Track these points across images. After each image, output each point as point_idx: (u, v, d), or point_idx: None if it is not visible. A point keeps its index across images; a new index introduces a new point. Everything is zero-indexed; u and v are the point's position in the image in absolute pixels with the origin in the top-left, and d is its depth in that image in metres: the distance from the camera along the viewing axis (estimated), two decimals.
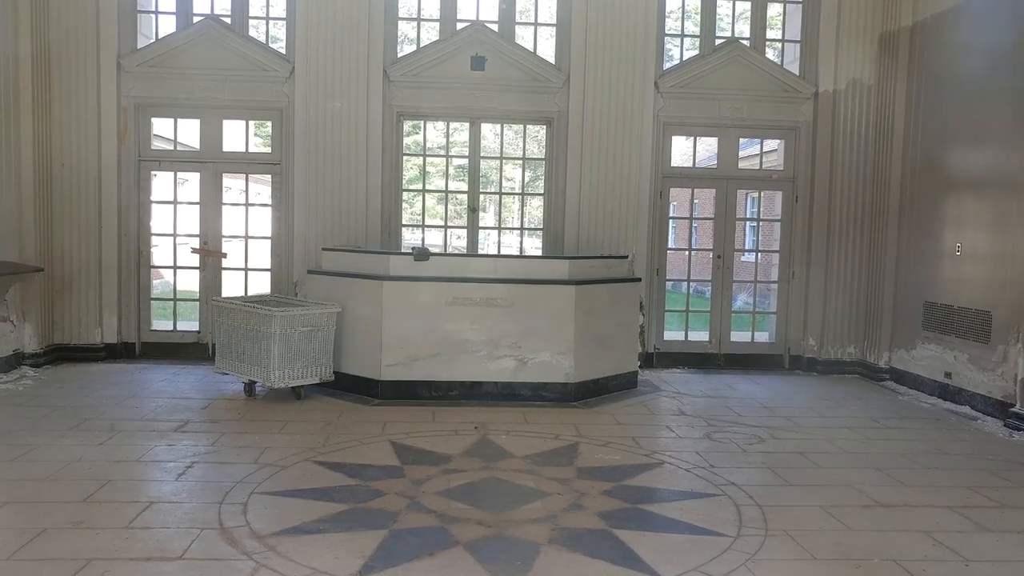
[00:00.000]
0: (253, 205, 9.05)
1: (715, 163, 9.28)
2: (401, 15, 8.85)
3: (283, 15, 8.61)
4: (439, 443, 5.61)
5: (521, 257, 8.74)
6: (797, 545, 4.00)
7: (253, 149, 9.34)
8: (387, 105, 8.51)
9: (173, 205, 8.79)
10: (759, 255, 11.00)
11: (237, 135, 8.93)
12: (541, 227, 9.08)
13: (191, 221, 8.74)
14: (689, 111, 8.79)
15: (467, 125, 8.84)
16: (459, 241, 9.49)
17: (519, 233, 9.80)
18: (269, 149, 9.01)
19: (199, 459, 5.12)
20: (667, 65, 8.94)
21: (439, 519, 4.19)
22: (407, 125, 9.38)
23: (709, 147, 11.30)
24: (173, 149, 9.08)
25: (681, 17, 9.42)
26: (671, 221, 9.49)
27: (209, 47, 8.32)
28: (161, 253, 9.22)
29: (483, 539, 3.95)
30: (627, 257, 8.09)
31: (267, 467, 4.95)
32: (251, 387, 6.87)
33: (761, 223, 16.71)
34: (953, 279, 7.53)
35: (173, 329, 8.79)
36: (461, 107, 8.65)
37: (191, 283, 9.12)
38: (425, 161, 10.10)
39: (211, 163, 8.61)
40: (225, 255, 8.70)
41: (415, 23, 9.07)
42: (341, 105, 8.31)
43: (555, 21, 8.82)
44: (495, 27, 8.64)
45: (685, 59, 9.09)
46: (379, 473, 4.93)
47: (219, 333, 7.12)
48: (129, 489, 4.56)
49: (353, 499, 4.45)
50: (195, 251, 8.66)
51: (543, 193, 9.00)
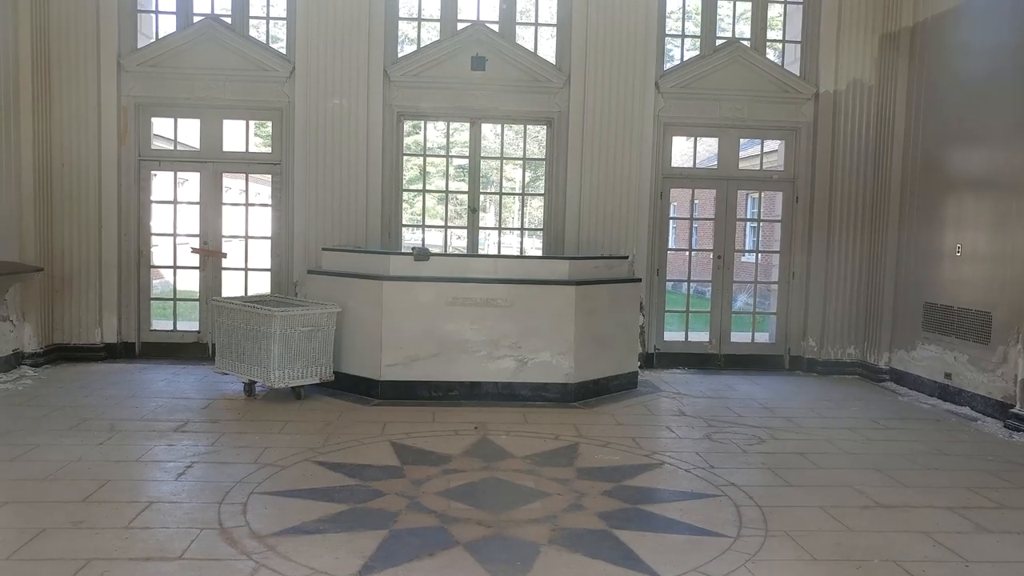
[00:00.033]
0: (253, 205, 9.05)
1: (715, 163, 9.28)
2: (401, 15, 8.85)
3: (283, 15, 8.61)
4: (439, 443, 5.61)
5: (521, 257, 8.73)
6: (797, 546, 4.00)
7: (253, 149, 9.34)
8: (387, 105, 8.51)
9: (173, 205, 8.79)
10: (759, 255, 11.00)
11: (237, 135, 8.93)
12: (541, 227, 9.08)
13: (191, 221, 8.74)
14: (689, 111, 8.79)
15: (467, 125, 8.84)
16: (459, 241, 9.49)
17: (519, 233, 9.80)
18: (269, 149, 9.01)
19: (199, 459, 5.12)
20: (668, 65, 8.95)
21: (439, 519, 4.19)
22: (407, 125, 9.38)
23: (709, 147, 11.31)
24: (173, 149, 9.08)
25: (682, 17, 9.41)
26: (671, 221, 9.49)
27: (209, 47, 8.32)
28: (161, 253, 9.21)
29: (483, 539, 3.95)
30: (627, 257, 8.09)
31: (267, 467, 4.95)
32: (251, 387, 6.87)
33: (761, 224, 16.72)
34: (953, 280, 7.53)
35: (173, 329, 8.79)
36: (461, 107, 8.65)
37: (191, 283, 9.12)
38: (425, 161, 10.10)
39: (211, 163, 8.61)
40: (225, 255, 8.70)
41: (415, 23, 9.06)
42: (341, 105, 8.32)
43: (555, 21, 8.82)
44: (495, 27, 8.64)
45: (686, 59, 9.08)
46: (379, 473, 4.93)
47: (219, 333, 7.12)
48: (129, 489, 4.56)
49: (353, 499, 4.45)
50: (195, 251, 8.66)
51: (543, 193, 9.00)
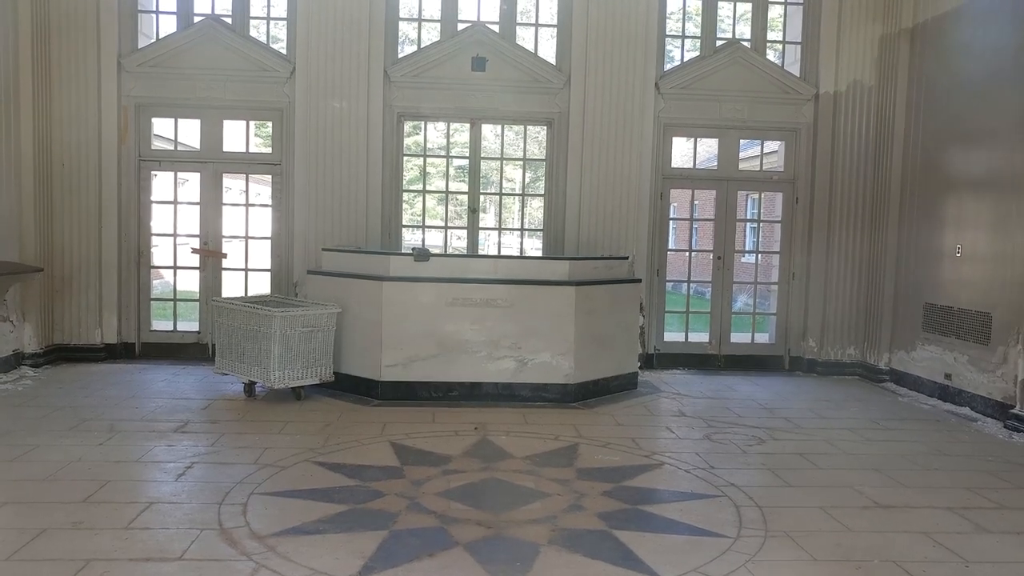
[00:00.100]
0: (253, 205, 9.05)
1: (715, 164, 9.28)
2: (402, 15, 8.85)
3: (284, 15, 8.61)
4: (439, 444, 5.61)
5: (521, 258, 8.73)
6: (797, 546, 4.00)
7: (253, 149, 9.34)
8: (388, 105, 8.51)
9: (173, 205, 8.79)
10: (759, 256, 11.00)
11: (237, 135, 8.93)
12: (541, 228, 9.08)
13: (191, 221, 8.74)
14: (690, 112, 8.79)
15: (467, 126, 8.84)
16: (459, 242, 9.49)
17: (519, 234, 9.80)
18: (269, 149, 9.01)
19: (199, 459, 5.12)
20: (668, 66, 8.95)
21: (439, 520, 4.19)
22: (408, 126, 9.38)
23: (709, 148, 11.30)
24: (173, 149, 9.09)
25: (682, 18, 9.42)
26: (671, 222, 9.50)
27: (210, 47, 8.32)
28: (161, 253, 9.22)
29: (483, 540, 3.95)
30: (627, 258, 8.08)
31: (267, 468, 4.95)
32: (251, 387, 6.87)
33: (761, 224, 16.73)
34: (953, 280, 7.53)
35: (173, 329, 8.79)
36: (462, 108, 8.65)
37: (191, 283, 9.12)
38: (425, 162, 10.11)
39: (211, 163, 8.61)
40: (225, 255, 8.70)
41: (416, 23, 9.06)
42: (342, 105, 8.32)
43: (556, 22, 8.82)
44: (496, 28, 8.64)
45: (686, 60, 9.09)
46: (379, 474, 4.93)
47: (219, 333, 7.12)
48: (129, 490, 4.56)
49: (353, 500, 4.45)
50: (195, 251, 8.66)
51: (543, 194, 9.00)
